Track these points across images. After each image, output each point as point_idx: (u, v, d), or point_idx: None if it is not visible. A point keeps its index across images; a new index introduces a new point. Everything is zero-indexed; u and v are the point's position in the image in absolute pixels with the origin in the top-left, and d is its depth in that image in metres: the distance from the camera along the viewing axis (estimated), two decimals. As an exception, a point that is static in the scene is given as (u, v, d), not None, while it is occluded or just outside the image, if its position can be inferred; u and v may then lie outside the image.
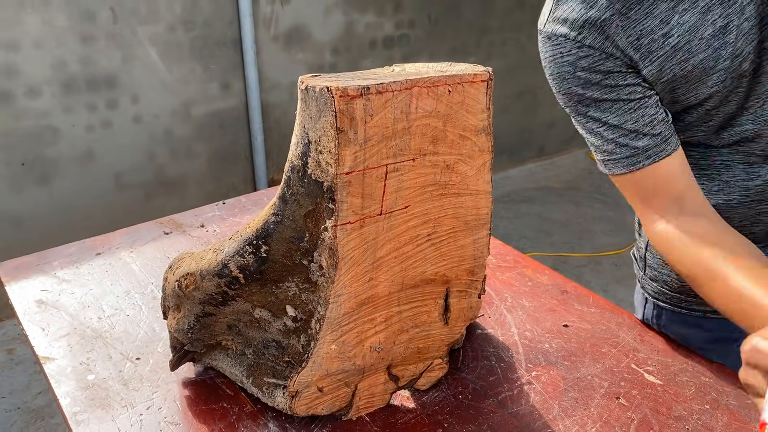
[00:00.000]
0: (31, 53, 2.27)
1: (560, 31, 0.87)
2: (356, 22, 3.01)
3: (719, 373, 0.98)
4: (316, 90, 0.69)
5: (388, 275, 0.82)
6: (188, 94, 2.66)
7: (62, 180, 2.47)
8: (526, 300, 1.15)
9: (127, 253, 1.30)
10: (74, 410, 0.91)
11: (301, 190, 0.76)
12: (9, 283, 1.20)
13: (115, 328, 1.07)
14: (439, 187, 0.81)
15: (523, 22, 3.60)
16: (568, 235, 3.24)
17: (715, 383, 0.96)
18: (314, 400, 0.85)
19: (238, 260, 0.81)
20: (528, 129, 3.94)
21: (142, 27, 2.46)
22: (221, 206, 1.49)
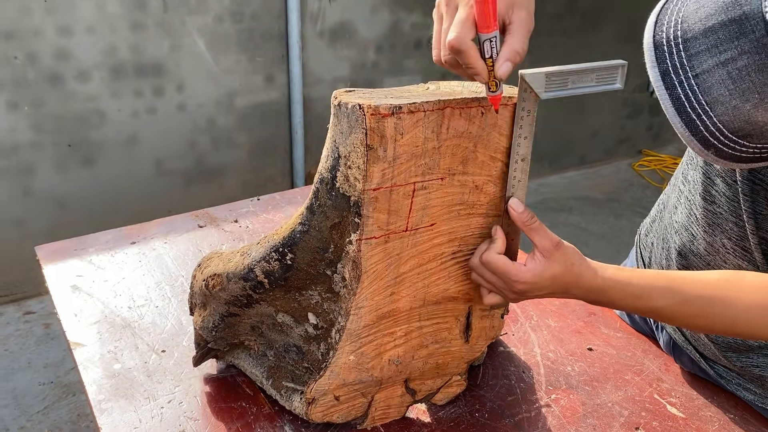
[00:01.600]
0: (83, 38, 2.33)
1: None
2: (402, 21, 3.00)
3: (745, 410, 0.96)
4: (348, 107, 0.70)
5: (410, 291, 0.82)
6: (232, 85, 2.69)
7: (106, 163, 2.53)
8: (552, 320, 1.14)
9: (161, 243, 1.32)
10: (99, 398, 0.93)
11: (328, 203, 0.76)
12: (46, 266, 1.24)
13: (143, 318, 1.10)
14: (466, 206, 0.81)
15: (572, 27, 3.54)
16: (604, 247, 3.18)
17: (741, 421, 0.94)
18: (330, 408, 0.86)
19: (264, 266, 0.82)
20: (570, 136, 3.88)
21: (191, 17, 2.50)
22: (255, 202, 1.51)
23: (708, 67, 0.63)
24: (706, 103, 0.63)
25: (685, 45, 0.64)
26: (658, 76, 0.65)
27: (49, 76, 2.32)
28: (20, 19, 2.21)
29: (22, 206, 2.43)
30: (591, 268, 0.79)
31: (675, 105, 0.65)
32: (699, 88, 0.63)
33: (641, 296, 0.78)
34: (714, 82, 0.63)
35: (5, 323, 2.41)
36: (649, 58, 0.66)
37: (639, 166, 4.10)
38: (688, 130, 0.65)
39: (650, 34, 0.67)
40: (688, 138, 0.65)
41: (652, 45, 0.66)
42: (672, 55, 0.65)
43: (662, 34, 0.66)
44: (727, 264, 0.90)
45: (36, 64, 2.29)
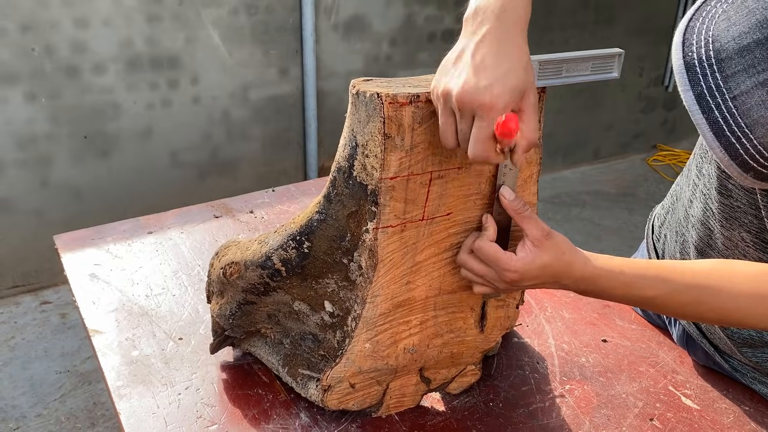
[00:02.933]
0: (99, 31, 2.35)
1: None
2: (416, 14, 3.00)
3: (760, 403, 0.96)
4: (367, 95, 0.70)
5: (426, 280, 0.83)
6: (247, 78, 2.71)
7: (121, 155, 2.56)
8: (567, 311, 1.14)
9: (178, 233, 1.34)
10: (117, 384, 0.95)
11: (345, 191, 0.77)
12: (65, 255, 1.26)
13: (161, 306, 1.11)
14: (483, 196, 0.81)
15: (586, 21, 3.52)
16: (618, 242, 3.17)
17: (755, 413, 0.94)
18: (346, 395, 0.87)
19: (281, 254, 0.83)
20: (584, 130, 3.86)
21: (206, 10, 2.51)
22: (270, 193, 1.51)
23: (746, 88, 0.61)
24: (745, 126, 0.62)
25: (720, 66, 0.62)
26: (693, 100, 0.64)
27: (66, 68, 2.35)
28: (38, 11, 2.23)
29: (39, 197, 2.46)
30: (582, 257, 0.78)
31: (713, 129, 0.63)
32: (738, 111, 0.62)
33: (632, 285, 0.77)
34: (753, 103, 0.61)
35: (22, 312, 2.44)
36: (681, 80, 0.64)
37: (653, 160, 4.08)
38: (728, 155, 0.63)
39: (679, 55, 0.65)
40: (728, 163, 0.63)
41: (683, 66, 0.64)
42: (706, 76, 0.63)
43: (693, 55, 0.64)
44: (747, 257, 0.90)
45: (53, 56, 2.31)
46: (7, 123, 2.31)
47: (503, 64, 0.65)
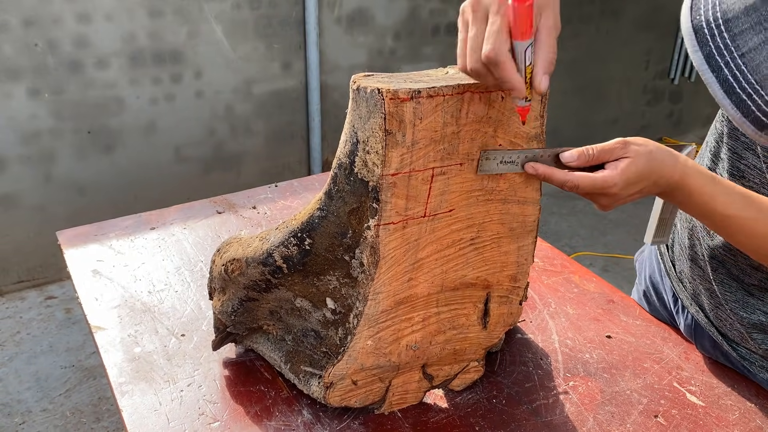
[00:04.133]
0: (102, 26, 2.34)
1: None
2: (420, 7, 2.98)
3: (766, 399, 0.95)
4: (367, 91, 0.69)
5: (428, 276, 0.82)
6: (250, 72, 2.70)
7: (125, 150, 2.55)
8: (571, 307, 1.13)
9: (181, 229, 1.33)
10: (120, 381, 0.95)
11: (346, 188, 0.76)
12: (68, 250, 1.26)
13: (163, 303, 1.11)
14: (485, 192, 0.80)
15: (592, 14, 3.50)
16: (623, 235, 3.16)
17: (761, 410, 0.93)
18: (348, 392, 0.87)
19: (283, 251, 0.82)
20: (589, 123, 3.84)
21: (208, 4, 2.50)
22: (273, 189, 1.51)
23: (754, 44, 0.61)
24: (756, 82, 0.62)
25: (727, 25, 0.63)
26: (702, 60, 0.64)
27: (69, 64, 2.34)
28: (40, 6, 2.23)
29: (42, 192, 2.46)
30: (671, 157, 0.77)
31: (723, 87, 0.63)
32: (747, 68, 0.62)
33: (716, 197, 0.76)
34: (762, 59, 0.61)
35: (27, 308, 2.45)
36: (690, 43, 0.65)
37: (659, 154, 4.06)
38: (740, 112, 0.63)
39: (687, 19, 0.65)
40: (740, 120, 0.63)
41: (692, 29, 0.65)
42: (714, 37, 0.63)
43: (700, 18, 0.64)
44: None
45: (56, 52, 2.31)
46: (11, 118, 2.31)
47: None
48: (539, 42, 0.67)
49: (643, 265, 1.21)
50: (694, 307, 1.04)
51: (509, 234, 0.85)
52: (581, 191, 0.77)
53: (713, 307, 0.99)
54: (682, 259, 1.04)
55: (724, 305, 0.97)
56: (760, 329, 0.94)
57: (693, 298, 1.04)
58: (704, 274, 0.99)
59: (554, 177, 0.77)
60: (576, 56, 3.55)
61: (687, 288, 1.05)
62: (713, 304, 0.99)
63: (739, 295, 0.95)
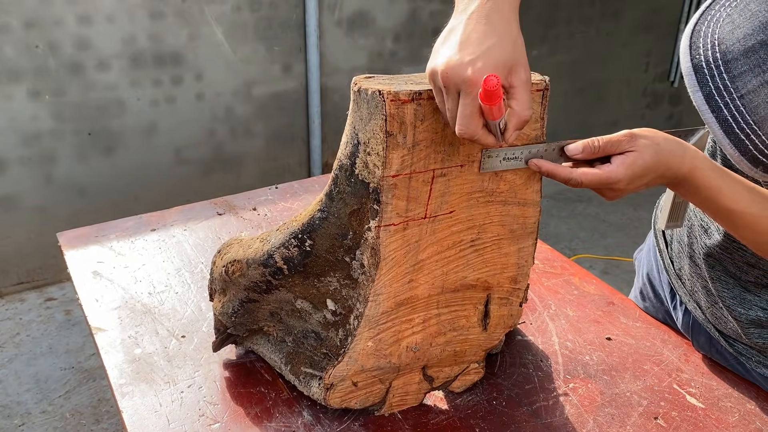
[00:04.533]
0: (103, 27, 2.35)
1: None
2: (421, 9, 2.99)
3: (766, 401, 0.95)
4: (368, 93, 0.70)
5: (428, 278, 0.82)
6: (250, 75, 2.70)
7: (125, 151, 2.56)
8: (571, 309, 1.13)
9: (181, 231, 1.33)
10: (120, 382, 0.95)
11: (347, 189, 0.76)
12: (68, 252, 1.26)
13: (164, 304, 1.11)
14: (486, 194, 0.80)
15: (592, 16, 3.50)
16: (622, 238, 3.16)
17: (761, 412, 0.93)
18: (348, 393, 0.87)
19: (283, 252, 0.83)
20: (589, 125, 3.84)
21: (209, 6, 2.51)
22: (274, 191, 1.51)
23: (753, 87, 0.63)
24: (753, 123, 0.64)
25: (727, 67, 0.64)
26: (702, 100, 0.66)
27: (70, 65, 2.34)
28: (41, 8, 2.23)
29: (43, 194, 2.46)
30: (679, 148, 0.75)
31: (723, 127, 0.65)
32: (746, 109, 0.64)
33: (723, 191, 0.75)
34: (760, 101, 0.63)
35: (27, 309, 2.45)
36: (690, 82, 0.66)
37: (659, 156, 4.06)
38: (738, 151, 0.65)
39: (687, 58, 0.67)
40: (738, 158, 0.66)
41: (692, 69, 0.66)
42: (714, 77, 0.65)
43: (700, 57, 0.66)
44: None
45: (57, 53, 2.31)
46: (11, 120, 2.32)
47: (489, 38, 0.65)
48: (515, 99, 0.67)
49: (641, 262, 1.22)
50: (692, 304, 1.04)
51: (510, 236, 0.86)
52: (585, 186, 0.76)
53: (709, 305, 1.00)
54: (681, 256, 1.05)
55: (719, 303, 0.97)
56: (757, 324, 0.94)
57: (690, 295, 1.04)
58: (701, 271, 0.99)
59: (558, 173, 0.76)
60: (576, 58, 3.56)
61: (685, 284, 1.05)
62: (709, 301, 0.99)
63: (737, 291, 0.95)
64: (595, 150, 0.75)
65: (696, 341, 1.05)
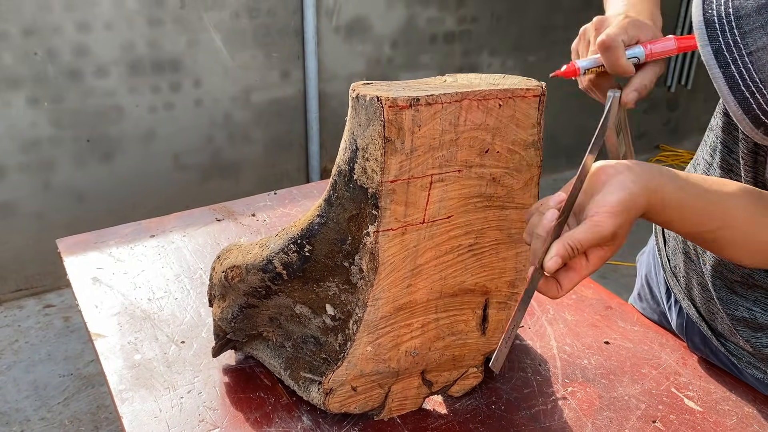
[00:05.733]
0: (102, 34, 2.36)
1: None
2: (418, 15, 3.00)
3: (764, 404, 0.96)
4: (367, 99, 0.70)
5: (427, 282, 0.83)
6: (249, 81, 2.71)
7: (124, 158, 2.56)
8: (569, 313, 1.14)
9: (180, 236, 1.34)
10: (120, 388, 0.95)
11: (346, 195, 0.77)
12: (67, 258, 1.26)
13: (163, 310, 1.11)
14: (483, 199, 0.81)
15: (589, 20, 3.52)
16: (620, 242, 3.17)
17: (759, 415, 0.93)
18: (348, 398, 0.87)
19: (283, 257, 0.83)
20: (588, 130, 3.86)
21: (207, 13, 2.52)
22: (272, 196, 1.52)
23: (762, 44, 0.62)
24: (760, 81, 0.63)
25: (738, 22, 0.63)
26: (711, 55, 0.64)
27: (68, 72, 2.35)
28: (40, 15, 2.24)
29: (42, 200, 2.47)
30: (654, 182, 0.71)
31: (729, 83, 0.64)
32: (754, 66, 0.63)
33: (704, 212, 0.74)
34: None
35: (26, 316, 2.44)
36: (700, 36, 0.65)
37: (656, 161, 4.07)
38: (741, 109, 0.64)
39: (699, 11, 0.66)
40: (741, 117, 0.64)
41: (703, 23, 0.65)
42: (725, 33, 0.64)
43: (713, 12, 0.65)
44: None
45: (55, 60, 2.32)
46: (10, 127, 2.32)
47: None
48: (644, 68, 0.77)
49: (641, 264, 1.23)
50: (686, 302, 1.05)
51: (508, 240, 0.86)
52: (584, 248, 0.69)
53: (705, 302, 1.00)
54: (676, 253, 1.06)
55: (714, 299, 0.98)
56: (745, 325, 0.95)
57: (686, 293, 1.05)
58: (697, 267, 1.00)
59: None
60: (573, 64, 3.57)
61: (680, 282, 1.06)
62: (705, 298, 1.00)
63: (723, 293, 0.96)
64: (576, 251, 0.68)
65: (691, 342, 1.06)
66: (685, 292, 1.05)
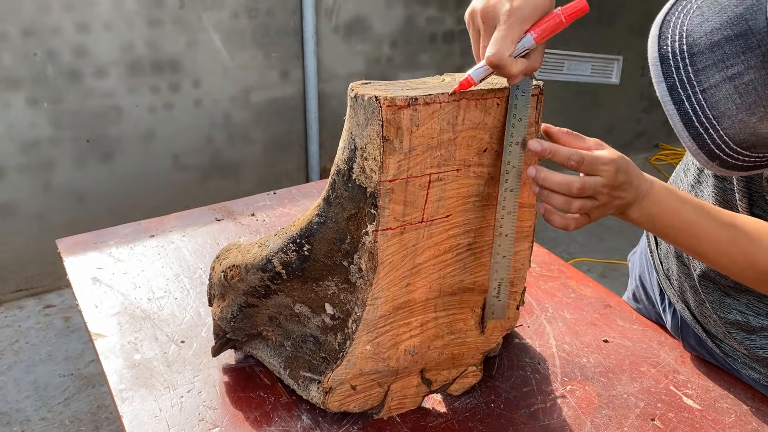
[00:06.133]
0: (101, 35, 2.36)
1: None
2: (417, 15, 3.00)
3: (762, 402, 0.96)
4: (365, 98, 0.70)
5: (426, 281, 0.83)
6: (248, 81, 2.71)
7: (123, 158, 2.56)
8: (568, 312, 1.14)
9: (180, 236, 1.34)
10: (120, 387, 0.95)
11: (345, 194, 0.77)
12: (67, 258, 1.26)
13: (163, 310, 1.12)
14: (482, 198, 0.81)
15: (587, 20, 3.52)
16: (620, 242, 3.17)
17: (757, 413, 0.94)
18: (347, 397, 0.87)
19: (282, 257, 0.83)
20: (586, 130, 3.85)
21: (207, 13, 2.52)
22: (272, 196, 1.52)
23: (715, 81, 0.63)
24: (713, 117, 0.64)
25: (692, 59, 0.65)
26: (665, 91, 0.66)
27: (68, 73, 2.35)
28: (39, 16, 2.24)
29: (41, 201, 2.47)
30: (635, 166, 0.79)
31: (683, 119, 0.65)
32: (707, 103, 0.64)
33: (678, 210, 0.78)
34: (721, 96, 0.63)
35: (26, 316, 2.45)
36: (655, 72, 0.67)
37: (656, 160, 4.08)
38: (696, 144, 0.66)
39: (655, 48, 0.67)
40: (696, 151, 0.66)
41: (658, 59, 0.66)
42: (679, 69, 0.65)
43: (667, 48, 0.66)
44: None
45: (55, 61, 2.32)
46: (10, 127, 2.32)
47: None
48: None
49: (634, 265, 1.23)
50: (680, 304, 1.05)
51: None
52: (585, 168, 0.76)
53: (698, 304, 1.01)
54: (669, 256, 1.06)
55: (706, 303, 0.98)
56: (738, 327, 0.95)
57: (679, 295, 1.05)
58: (689, 271, 1.00)
59: (560, 153, 0.76)
60: (572, 63, 3.57)
61: (674, 285, 1.06)
62: (698, 301, 1.00)
63: (716, 296, 0.96)
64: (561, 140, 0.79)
65: (686, 343, 1.06)
66: (679, 294, 1.06)
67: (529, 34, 0.70)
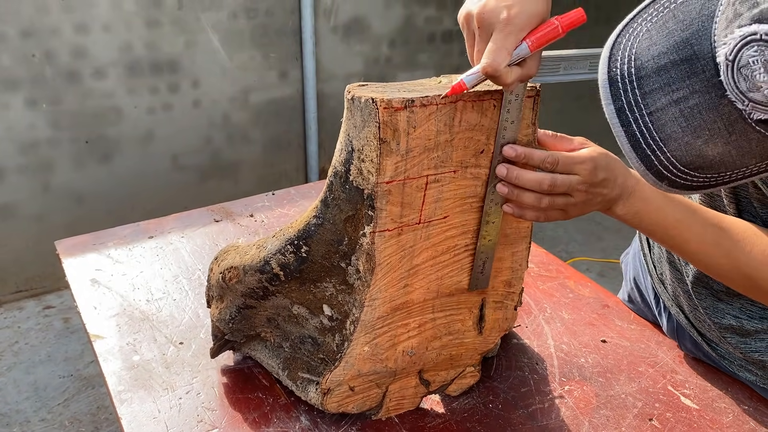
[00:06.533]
0: (99, 36, 2.36)
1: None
2: (416, 15, 3.00)
3: (759, 402, 0.96)
4: (362, 100, 0.71)
5: (423, 282, 0.83)
6: (247, 81, 2.71)
7: (122, 159, 2.56)
8: (566, 312, 1.14)
9: (178, 237, 1.34)
10: (119, 389, 0.95)
11: (342, 196, 0.77)
12: (66, 260, 1.26)
13: (161, 311, 1.12)
14: (479, 199, 0.81)
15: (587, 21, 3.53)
16: (619, 241, 3.17)
17: (755, 412, 0.94)
18: (345, 398, 0.87)
19: (280, 258, 0.83)
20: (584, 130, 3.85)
21: (205, 13, 2.52)
22: (270, 197, 1.52)
23: (661, 105, 0.64)
24: (660, 140, 0.65)
25: (640, 83, 0.66)
26: (614, 113, 0.67)
27: (67, 74, 2.35)
28: (38, 17, 2.24)
29: (40, 202, 2.47)
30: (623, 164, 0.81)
31: (631, 141, 0.66)
32: (654, 126, 0.65)
33: (664, 208, 0.80)
34: (667, 119, 0.64)
35: (26, 317, 2.45)
36: (604, 94, 0.68)
37: (654, 159, 4.07)
38: (644, 165, 0.66)
39: (605, 70, 0.68)
40: (644, 172, 0.67)
41: (608, 81, 0.67)
42: (627, 92, 0.66)
43: (616, 70, 0.67)
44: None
45: (53, 62, 2.32)
46: (9, 129, 2.32)
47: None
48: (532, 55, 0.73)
49: (628, 266, 1.23)
50: (675, 308, 1.05)
51: (503, 240, 0.86)
52: (560, 168, 0.79)
53: (691, 309, 1.01)
54: (662, 261, 1.06)
55: (699, 308, 0.98)
56: (733, 332, 0.95)
57: (674, 299, 1.06)
58: (682, 277, 1.00)
59: (534, 156, 0.79)
60: (571, 63, 3.57)
61: (668, 289, 1.06)
62: (691, 306, 1.01)
63: (709, 301, 0.97)
64: (542, 141, 0.81)
65: (683, 345, 1.06)
66: (673, 299, 1.06)
67: (524, 42, 0.71)
